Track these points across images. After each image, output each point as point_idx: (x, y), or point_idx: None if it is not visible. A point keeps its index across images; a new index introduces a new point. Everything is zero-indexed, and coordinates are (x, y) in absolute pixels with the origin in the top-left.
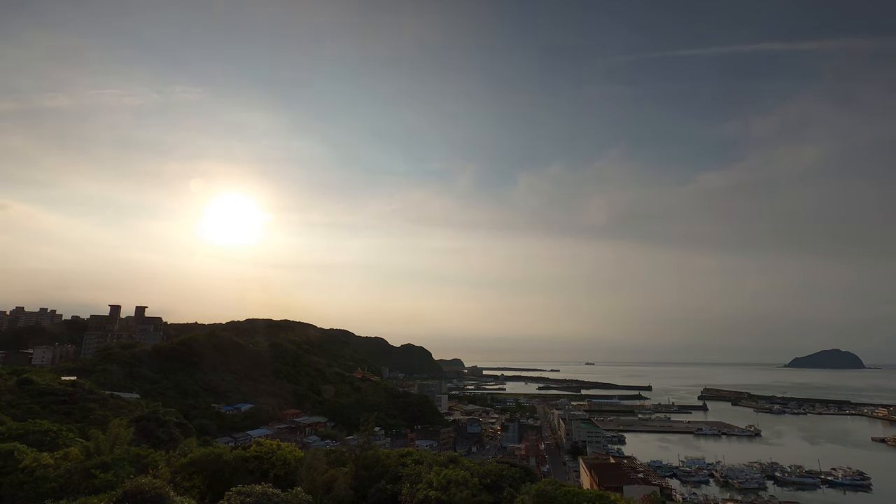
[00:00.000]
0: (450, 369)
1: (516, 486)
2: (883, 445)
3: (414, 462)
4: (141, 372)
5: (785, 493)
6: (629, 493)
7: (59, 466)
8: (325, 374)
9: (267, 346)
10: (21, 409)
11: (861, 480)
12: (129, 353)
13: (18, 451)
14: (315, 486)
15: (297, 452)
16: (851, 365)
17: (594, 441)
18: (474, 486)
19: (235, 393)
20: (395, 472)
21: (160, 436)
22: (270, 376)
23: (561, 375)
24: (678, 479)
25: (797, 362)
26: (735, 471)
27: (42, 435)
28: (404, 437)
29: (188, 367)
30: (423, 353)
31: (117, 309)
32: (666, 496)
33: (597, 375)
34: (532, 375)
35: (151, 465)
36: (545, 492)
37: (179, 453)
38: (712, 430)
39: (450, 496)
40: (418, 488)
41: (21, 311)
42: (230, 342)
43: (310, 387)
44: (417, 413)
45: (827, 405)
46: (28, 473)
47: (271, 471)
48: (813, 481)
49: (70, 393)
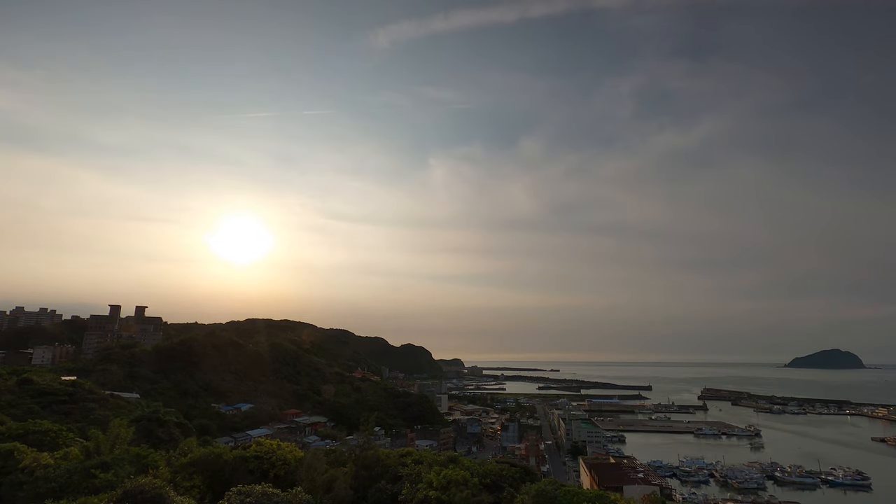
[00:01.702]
0: (450, 369)
1: (516, 486)
2: (883, 445)
3: (414, 462)
4: (141, 372)
5: (785, 493)
6: (629, 493)
7: (59, 466)
8: (325, 374)
9: (267, 346)
10: (21, 409)
11: (861, 480)
12: (129, 353)
13: (18, 451)
14: (315, 486)
15: (297, 452)
16: (851, 365)
17: (594, 441)
18: (474, 486)
19: (235, 393)
20: (395, 472)
21: (160, 436)
22: (270, 376)
23: (561, 375)
24: (678, 479)
25: (797, 362)
26: (735, 471)
27: (42, 435)
28: (404, 437)
29: (188, 367)
30: (423, 353)
31: (117, 309)
32: (666, 496)
33: (597, 375)
34: (532, 375)
35: (151, 465)
36: (545, 492)
37: (179, 453)
38: (712, 430)
39: (450, 496)
40: (418, 488)
41: (21, 311)
42: (230, 342)
43: (310, 387)
44: (417, 413)
45: (827, 405)
46: (28, 473)
47: (271, 471)
48: (813, 481)
49: (70, 393)
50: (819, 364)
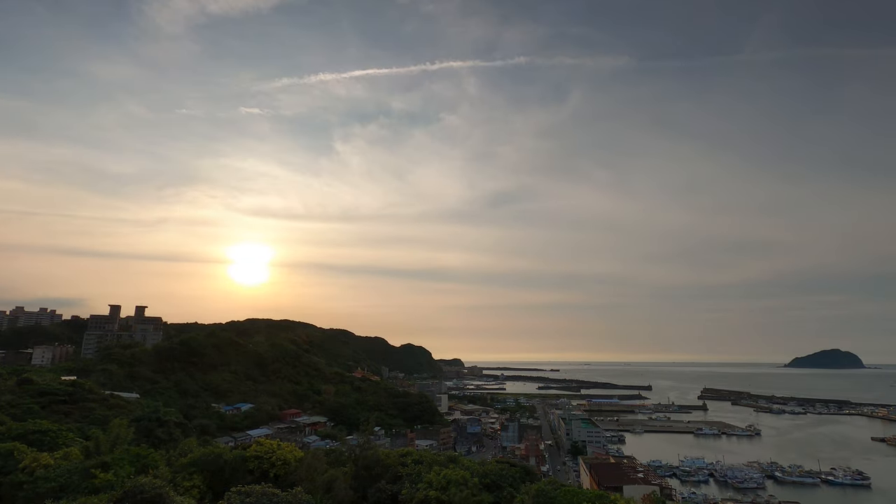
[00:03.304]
0: (450, 369)
1: (516, 486)
2: (883, 445)
3: (414, 462)
4: (141, 372)
5: (785, 492)
6: (629, 492)
7: (59, 466)
8: (325, 373)
9: (267, 346)
10: (21, 409)
11: (861, 480)
12: (129, 353)
13: (18, 451)
14: (315, 486)
15: (297, 452)
16: (851, 364)
17: (594, 441)
18: (474, 486)
19: (235, 393)
20: (395, 472)
21: (160, 436)
22: (270, 376)
23: (561, 375)
24: (678, 479)
25: (797, 362)
26: (735, 471)
27: (42, 435)
28: (404, 436)
29: (188, 367)
30: (423, 352)
31: (117, 309)
32: (666, 496)
33: (597, 375)
34: (532, 375)
35: (151, 465)
36: (545, 491)
37: (179, 453)
38: (712, 430)
39: (449, 496)
40: (418, 488)
41: (21, 311)
42: (230, 342)
43: (310, 387)
44: (417, 413)
45: (827, 405)
46: (28, 473)
47: (271, 471)
48: (813, 481)
49: (70, 393)
50: (819, 364)
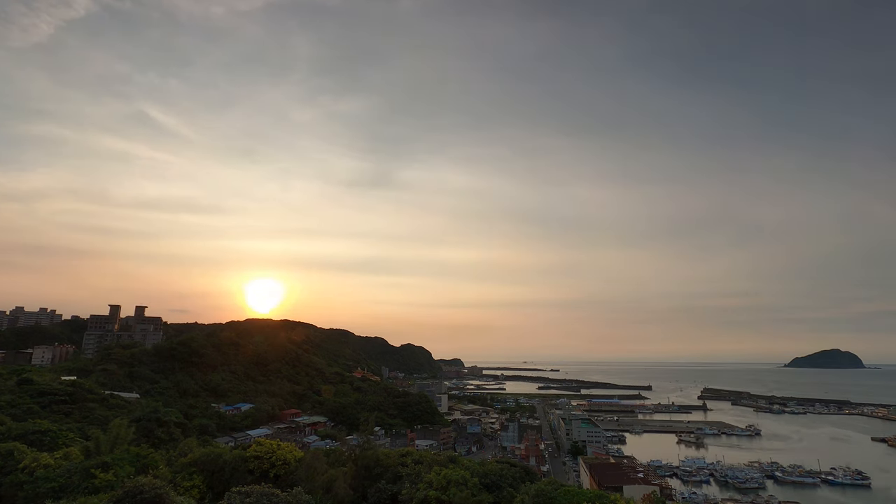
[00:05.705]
0: (450, 369)
1: (516, 486)
2: (883, 445)
3: (414, 462)
4: (141, 372)
5: (785, 492)
6: (629, 493)
7: (59, 466)
8: (325, 373)
9: (267, 346)
10: (21, 409)
11: (861, 480)
12: (129, 353)
13: (18, 451)
14: (315, 486)
15: (297, 452)
16: (851, 365)
17: (594, 441)
18: (474, 486)
19: (235, 393)
20: (395, 472)
21: (160, 436)
22: (270, 376)
23: (561, 375)
24: (678, 479)
25: (797, 362)
26: (735, 471)
27: (42, 435)
28: (404, 436)
29: (188, 367)
30: (423, 352)
31: (117, 309)
32: (666, 496)
33: (597, 375)
34: (532, 375)
35: (151, 465)
36: (544, 492)
37: (179, 453)
38: (712, 430)
39: (449, 496)
40: (418, 488)
41: (21, 311)
42: (230, 342)
43: (310, 387)
44: (417, 413)
45: (827, 405)
46: (28, 473)
47: (271, 471)
48: (813, 481)
49: (70, 393)
50: (819, 364)
